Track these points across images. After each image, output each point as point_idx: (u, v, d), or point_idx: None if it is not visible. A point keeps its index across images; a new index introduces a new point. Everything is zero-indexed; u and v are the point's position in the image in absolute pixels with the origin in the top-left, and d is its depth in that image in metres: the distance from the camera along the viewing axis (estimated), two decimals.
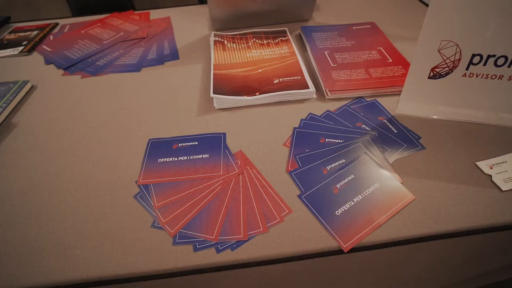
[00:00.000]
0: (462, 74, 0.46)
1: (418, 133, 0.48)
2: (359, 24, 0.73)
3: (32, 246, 0.38)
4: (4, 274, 0.35)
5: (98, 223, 0.39)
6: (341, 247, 0.36)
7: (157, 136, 0.51)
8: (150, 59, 0.70)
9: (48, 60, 0.71)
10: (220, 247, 0.36)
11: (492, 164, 0.44)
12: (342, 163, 0.44)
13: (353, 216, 0.38)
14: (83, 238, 0.38)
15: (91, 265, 0.35)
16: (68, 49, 0.74)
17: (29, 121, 0.56)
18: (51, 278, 0.35)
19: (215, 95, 0.54)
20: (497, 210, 0.38)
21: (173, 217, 0.39)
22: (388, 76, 0.57)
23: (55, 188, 0.44)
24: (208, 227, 0.38)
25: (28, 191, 0.44)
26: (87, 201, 0.42)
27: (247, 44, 0.69)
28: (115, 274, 0.35)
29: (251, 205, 0.40)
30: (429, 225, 0.37)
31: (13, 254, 0.37)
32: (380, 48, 0.65)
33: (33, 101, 0.60)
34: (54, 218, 0.40)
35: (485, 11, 0.40)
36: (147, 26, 0.82)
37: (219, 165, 0.45)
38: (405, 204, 0.39)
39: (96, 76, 0.66)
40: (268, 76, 0.59)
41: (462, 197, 0.40)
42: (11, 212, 0.41)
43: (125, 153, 0.49)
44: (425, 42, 0.44)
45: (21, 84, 0.62)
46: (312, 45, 0.67)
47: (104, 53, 0.72)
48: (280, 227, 0.38)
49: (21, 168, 0.47)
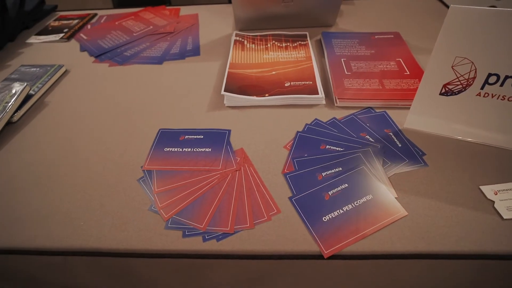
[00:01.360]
0: (476, 93, 0.44)
1: (423, 150, 0.47)
2: (382, 33, 0.72)
3: (44, 213, 0.42)
4: (19, 235, 0.40)
5: (103, 200, 0.43)
6: (322, 252, 0.36)
7: (167, 127, 0.54)
8: (173, 53, 0.74)
9: (83, 47, 0.78)
10: (206, 237, 0.39)
11: (498, 190, 0.42)
12: (338, 171, 0.45)
13: (339, 224, 0.39)
14: (88, 211, 0.42)
15: (90, 237, 0.39)
16: (102, 39, 0.80)
17: (58, 101, 0.62)
18: (56, 243, 0.39)
19: (225, 93, 0.56)
20: (492, 238, 0.37)
21: (169, 203, 0.42)
22: (402, 89, 0.56)
23: (71, 164, 0.49)
24: (199, 217, 0.41)
25: (48, 164, 0.49)
26: (97, 179, 0.46)
27: (266, 46, 0.71)
28: (110, 248, 0.38)
29: (242, 201, 0.42)
30: (416, 243, 0.37)
31: (27, 218, 0.42)
32: (399, 60, 0.63)
33: (65, 84, 0.66)
34: (66, 191, 0.45)
35: (505, 28, 0.39)
36: (176, 21, 0.86)
37: (219, 160, 0.47)
38: (395, 219, 0.39)
39: (122, 66, 0.71)
40: (280, 79, 0.60)
41: (458, 220, 0.39)
42: (32, 180, 0.47)
43: (136, 139, 0.52)
44: (438, 57, 0.43)
45: (57, 68, 0.68)
46: (330, 51, 0.67)
47: (132, 44, 0.77)
48: (267, 225, 0.39)
49: (45, 143, 0.53)
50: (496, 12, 0.38)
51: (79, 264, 0.40)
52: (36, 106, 0.61)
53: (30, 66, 0.70)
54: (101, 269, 0.41)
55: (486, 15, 0.39)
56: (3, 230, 0.41)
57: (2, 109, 0.56)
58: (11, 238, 0.40)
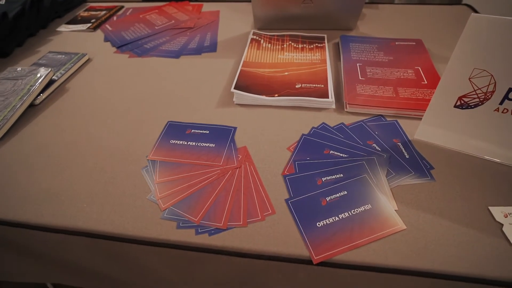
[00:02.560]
0: (494, 108, 0.42)
1: (432, 163, 0.45)
2: (403, 39, 0.69)
3: (53, 192, 0.45)
4: (28, 210, 0.43)
5: (107, 185, 0.45)
6: (311, 257, 0.36)
7: (175, 120, 0.55)
8: (190, 48, 0.75)
9: (106, 38, 0.81)
10: (199, 230, 0.39)
11: (509, 212, 0.39)
12: (338, 178, 0.44)
13: (333, 231, 0.38)
14: (91, 195, 0.44)
15: (90, 219, 0.41)
16: (125, 30, 0.83)
17: (78, 88, 0.65)
18: (59, 222, 0.41)
19: (235, 90, 0.57)
20: (495, 262, 0.35)
21: (168, 194, 0.43)
22: (416, 98, 0.54)
23: (83, 148, 0.51)
24: (194, 210, 0.41)
25: (62, 146, 0.52)
26: (103, 164, 0.48)
27: (282, 46, 0.71)
28: (107, 231, 0.40)
29: (239, 198, 0.42)
30: (412, 259, 0.35)
31: (38, 195, 0.44)
32: (418, 68, 0.61)
33: (86, 72, 0.70)
34: (75, 173, 0.47)
35: None
36: (197, 17, 0.88)
37: (221, 156, 0.48)
38: (392, 232, 0.38)
39: (140, 57, 0.73)
40: (291, 80, 0.60)
41: (460, 240, 0.37)
42: (45, 160, 0.49)
43: (146, 129, 0.54)
44: (455, 67, 0.41)
45: (80, 56, 0.72)
46: (346, 55, 0.66)
47: (153, 37, 0.80)
48: (260, 225, 0.39)
49: (62, 126, 0.56)
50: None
51: (79, 244, 0.42)
52: (58, 91, 0.64)
53: (56, 52, 0.74)
54: (99, 251, 0.43)
55: (509, 25, 0.36)
56: (15, 204, 0.43)
57: (26, 91, 0.60)
58: (21, 212, 0.42)
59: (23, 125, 0.56)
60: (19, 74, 0.64)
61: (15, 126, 0.56)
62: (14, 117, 0.56)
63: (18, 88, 0.61)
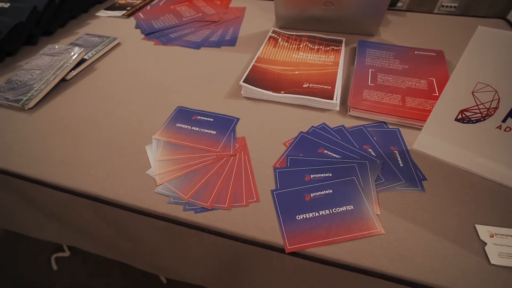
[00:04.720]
0: (497, 125, 0.40)
1: (426, 174, 0.45)
2: (424, 49, 0.68)
3: (66, 157, 0.50)
4: (47, 171, 0.48)
5: (113, 157, 0.50)
6: (284, 246, 0.38)
7: (185, 105, 0.59)
8: (211, 41, 0.78)
9: (137, 25, 0.87)
10: (187, 207, 0.42)
11: (495, 232, 0.38)
12: (327, 176, 0.45)
13: (311, 225, 0.39)
14: (99, 164, 0.49)
15: (95, 185, 0.46)
16: (155, 19, 0.88)
17: (105, 68, 0.71)
18: (68, 183, 0.46)
19: (244, 84, 0.59)
20: (469, 279, 0.34)
21: (165, 171, 0.47)
22: (423, 109, 0.53)
23: (100, 122, 0.56)
24: (186, 189, 0.44)
25: (82, 119, 0.57)
26: (114, 138, 0.53)
27: (298, 46, 0.72)
28: (107, 197, 0.44)
29: (228, 183, 0.45)
30: (384, 263, 0.36)
31: (56, 159, 0.50)
32: (432, 79, 0.59)
33: (114, 55, 0.76)
34: (90, 143, 0.52)
35: None
36: (223, 12, 0.91)
37: (220, 143, 0.51)
38: (369, 235, 0.38)
39: (164, 46, 0.78)
40: (300, 79, 0.61)
41: (438, 252, 0.37)
42: (67, 130, 0.55)
43: (157, 111, 0.58)
44: (458, 79, 0.41)
45: (111, 40, 0.78)
46: (360, 59, 0.65)
47: (179, 28, 0.84)
48: (243, 210, 0.42)
49: (86, 101, 0.61)
50: None
51: (82, 205, 0.47)
52: (87, 69, 0.71)
53: (92, 35, 0.80)
54: (100, 215, 0.48)
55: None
56: (38, 164, 0.49)
57: (60, 67, 0.66)
58: (39, 170, 0.48)
59: (54, 97, 0.63)
60: (56, 51, 0.71)
61: (47, 96, 0.63)
62: (46, 88, 0.63)
63: (54, 64, 0.68)
